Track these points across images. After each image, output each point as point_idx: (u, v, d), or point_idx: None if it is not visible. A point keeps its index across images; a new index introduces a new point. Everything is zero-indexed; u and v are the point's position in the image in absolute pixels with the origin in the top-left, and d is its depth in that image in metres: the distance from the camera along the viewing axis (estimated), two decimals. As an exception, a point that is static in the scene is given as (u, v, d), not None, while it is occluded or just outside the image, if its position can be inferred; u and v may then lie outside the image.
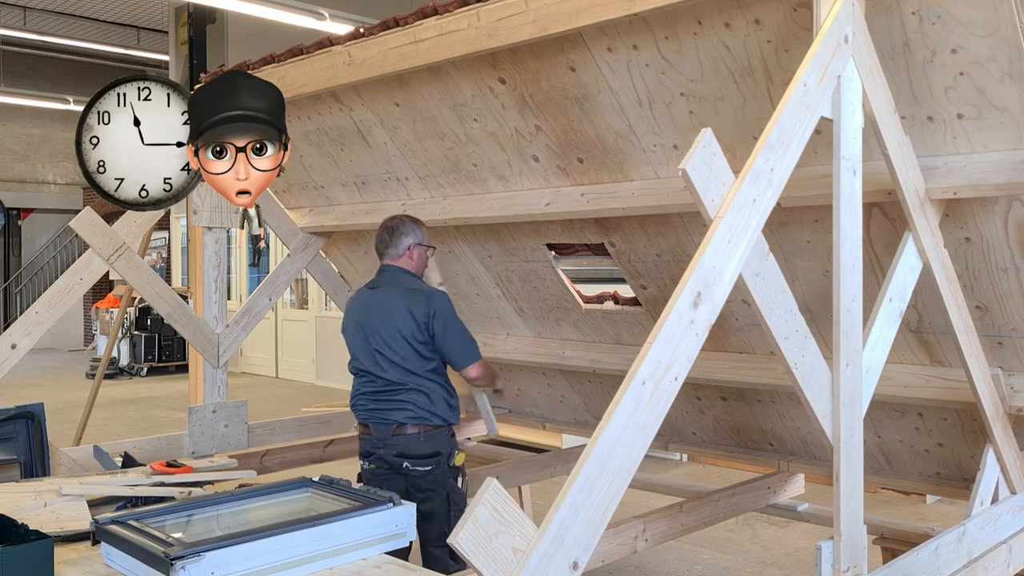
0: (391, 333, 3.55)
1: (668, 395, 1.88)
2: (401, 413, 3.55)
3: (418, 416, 3.54)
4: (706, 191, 1.98)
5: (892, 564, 2.62)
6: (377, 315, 3.60)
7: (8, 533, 2.17)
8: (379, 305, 3.61)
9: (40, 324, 3.71)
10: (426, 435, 3.54)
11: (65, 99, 15.39)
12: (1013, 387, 3.08)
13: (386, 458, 3.57)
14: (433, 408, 3.55)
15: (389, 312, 3.57)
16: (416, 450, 3.54)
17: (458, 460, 3.62)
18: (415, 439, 3.53)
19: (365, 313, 3.65)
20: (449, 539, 1.56)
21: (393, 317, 3.55)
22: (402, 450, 3.54)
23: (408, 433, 3.54)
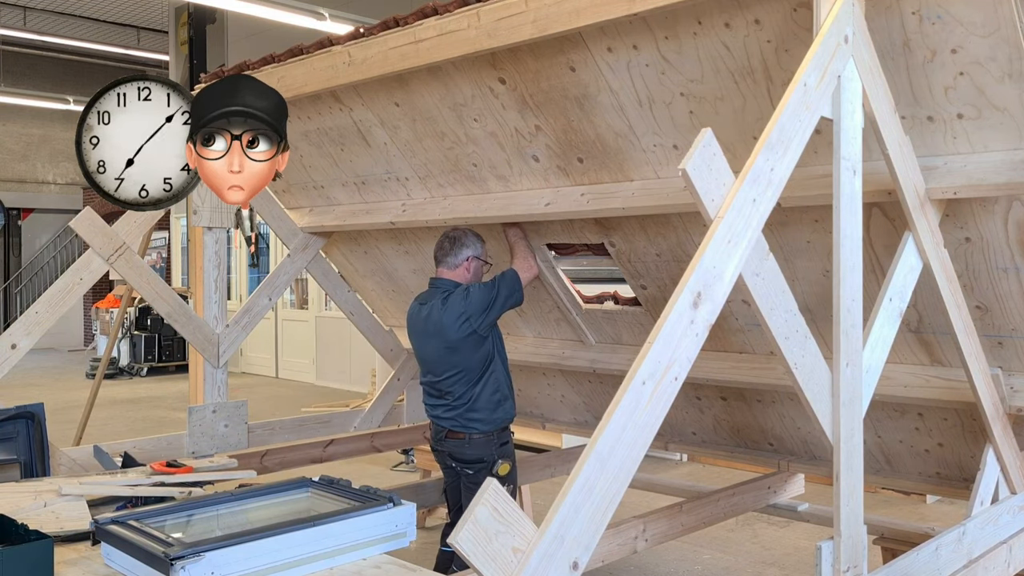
0: (438, 346, 3.74)
1: (668, 395, 1.88)
2: (448, 421, 3.80)
3: (462, 426, 3.76)
4: (706, 191, 1.98)
5: (892, 564, 2.62)
6: (427, 329, 3.77)
7: (8, 533, 2.17)
8: (427, 318, 3.77)
9: (40, 324, 3.71)
10: (472, 441, 3.76)
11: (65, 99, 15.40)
12: (1013, 387, 3.08)
13: (440, 458, 3.89)
14: (472, 422, 3.75)
15: (438, 327, 3.71)
16: (463, 454, 3.78)
17: (501, 470, 3.76)
18: (462, 444, 3.78)
19: (418, 326, 3.84)
20: (449, 539, 1.56)
21: (441, 330, 3.70)
22: (452, 452, 3.82)
23: (458, 438, 3.79)
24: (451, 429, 3.78)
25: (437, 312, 3.71)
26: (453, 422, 3.77)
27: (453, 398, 3.76)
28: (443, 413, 3.81)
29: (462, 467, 3.80)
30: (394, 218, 4.18)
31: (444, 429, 3.81)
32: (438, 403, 3.84)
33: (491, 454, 3.76)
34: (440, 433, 3.84)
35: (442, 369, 3.76)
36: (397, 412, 5.24)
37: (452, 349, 3.70)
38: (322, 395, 11.67)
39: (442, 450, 3.86)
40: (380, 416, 5.15)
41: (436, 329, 3.71)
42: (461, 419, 3.75)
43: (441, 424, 3.83)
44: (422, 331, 3.81)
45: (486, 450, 3.75)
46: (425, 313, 3.78)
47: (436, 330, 3.71)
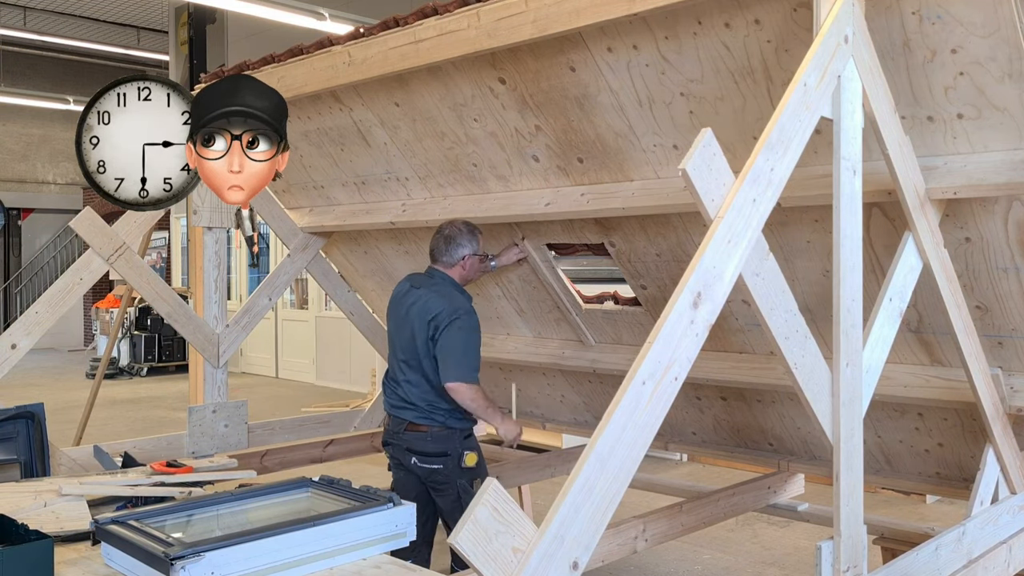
0: (414, 333, 3.62)
1: (668, 395, 1.88)
2: (411, 412, 3.64)
3: (427, 416, 3.61)
4: (706, 191, 1.98)
5: (892, 564, 2.62)
6: (409, 313, 3.67)
7: (8, 533, 2.17)
8: (413, 304, 3.67)
9: (40, 324, 3.71)
10: (434, 436, 3.60)
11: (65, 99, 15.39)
12: (1013, 387, 3.08)
13: (401, 450, 3.68)
14: (438, 412, 3.61)
15: (419, 313, 3.63)
16: (424, 448, 3.61)
17: (468, 460, 3.63)
18: (423, 438, 3.61)
19: (401, 309, 3.73)
20: (449, 539, 1.56)
21: (420, 318, 3.62)
22: (411, 446, 3.63)
23: (419, 430, 3.62)
24: (412, 421, 3.62)
25: (424, 299, 3.63)
26: (415, 412, 3.61)
27: (420, 388, 3.61)
28: (404, 403, 3.65)
29: (424, 462, 3.60)
30: (394, 218, 4.18)
31: (404, 421, 3.64)
32: (400, 391, 3.67)
33: (455, 447, 3.60)
34: (399, 426, 3.66)
35: (414, 353, 3.63)
36: (397, 412, 5.23)
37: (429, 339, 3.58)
38: (322, 395, 11.67)
39: (398, 443, 3.66)
40: (380, 416, 5.14)
41: (419, 313, 3.61)
42: (426, 410, 3.59)
43: (401, 415, 3.66)
44: (404, 312, 3.70)
45: (450, 443, 3.60)
46: (413, 298, 3.68)
47: (419, 314, 3.61)
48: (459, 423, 3.63)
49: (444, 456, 3.59)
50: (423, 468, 3.62)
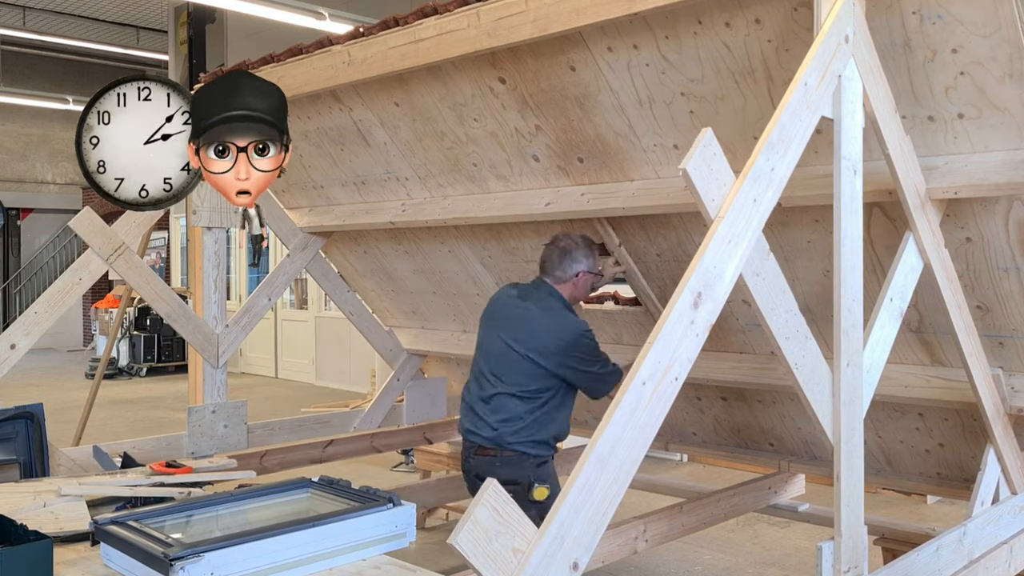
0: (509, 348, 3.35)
1: (668, 395, 1.87)
2: (481, 435, 3.36)
3: (497, 440, 3.33)
4: (706, 191, 1.98)
5: (893, 565, 2.62)
6: (507, 326, 3.40)
7: (7, 533, 2.17)
8: (516, 319, 3.39)
9: (39, 324, 3.71)
10: (503, 461, 3.31)
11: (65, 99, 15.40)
12: (1014, 387, 3.08)
13: (468, 480, 3.46)
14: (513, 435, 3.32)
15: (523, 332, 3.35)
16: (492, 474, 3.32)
17: (538, 494, 3.28)
18: (492, 463, 3.31)
19: (498, 319, 3.47)
20: (449, 539, 1.55)
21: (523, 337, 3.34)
22: (479, 471, 3.32)
23: (488, 454, 3.34)
24: (481, 445, 3.34)
25: (533, 317, 3.35)
26: (488, 434, 3.32)
27: (500, 405, 3.33)
28: (476, 423, 3.38)
29: None
30: (394, 218, 4.18)
31: (475, 445, 3.37)
32: (477, 408, 3.39)
33: (526, 475, 3.28)
34: (470, 449, 3.40)
35: (503, 368, 3.35)
36: (397, 412, 5.23)
37: (523, 359, 3.32)
38: (322, 395, 11.66)
39: (468, 470, 3.43)
40: (380, 416, 5.15)
41: (522, 333, 3.33)
42: (500, 432, 3.31)
43: (471, 438, 3.39)
44: (501, 323, 3.42)
45: (521, 470, 3.28)
46: (520, 312, 3.40)
47: (521, 334, 3.33)
48: (534, 449, 3.32)
49: (514, 484, 3.19)
50: None
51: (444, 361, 5.41)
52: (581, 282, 3.46)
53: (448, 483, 4.84)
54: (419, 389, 5.26)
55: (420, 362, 5.34)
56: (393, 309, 5.22)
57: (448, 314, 4.90)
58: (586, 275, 3.46)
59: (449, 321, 4.95)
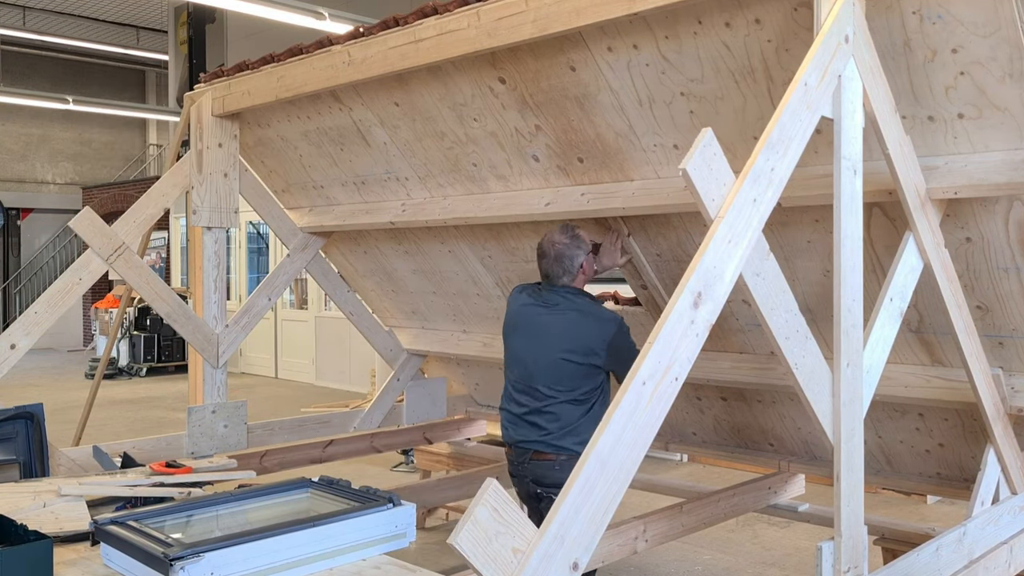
0: (558, 358, 3.34)
1: (668, 395, 1.87)
2: (538, 441, 3.37)
3: (555, 444, 3.34)
4: (706, 191, 1.98)
5: (893, 565, 2.62)
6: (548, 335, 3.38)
7: (7, 533, 2.17)
8: (553, 326, 3.39)
9: (39, 324, 3.71)
10: (562, 464, 3.32)
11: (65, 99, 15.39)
12: (1014, 387, 3.08)
13: (524, 480, 3.44)
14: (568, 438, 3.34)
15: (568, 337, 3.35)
16: (552, 479, 3.35)
17: None
18: (551, 466, 3.35)
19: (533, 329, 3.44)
20: (449, 539, 1.55)
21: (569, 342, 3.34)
22: (536, 476, 3.38)
23: (546, 459, 3.36)
24: (537, 450, 3.35)
25: (575, 321, 3.35)
26: (544, 440, 3.33)
27: (554, 414, 3.35)
28: (531, 431, 3.38)
29: (552, 494, 3.31)
30: (394, 218, 4.18)
31: (528, 451, 3.37)
32: (527, 417, 3.40)
33: None
34: (523, 456, 3.39)
35: (554, 377, 3.35)
36: (397, 412, 5.23)
37: (579, 366, 3.33)
38: (322, 395, 11.66)
39: (523, 475, 3.41)
40: (380, 416, 5.15)
41: (572, 342, 3.33)
42: (554, 439, 3.33)
43: (524, 446, 3.39)
44: (535, 333, 3.42)
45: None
46: (545, 318, 3.40)
47: (573, 343, 3.32)
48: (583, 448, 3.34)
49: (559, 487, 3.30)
50: (547, 497, 3.36)
51: (444, 361, 5.41)
52: (587, 267, 3.47)
53: (448, 483, 4.84)
54: (419, 389, 5.26)
55: (420, 362, 5.34)
56: (393, 309, 5.22)
57: (448, 314, 4.90)
58: (587, 258, 3.45)
59: (449, 321, 4.95)
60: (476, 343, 4.83)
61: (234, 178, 4.38)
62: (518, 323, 3.50)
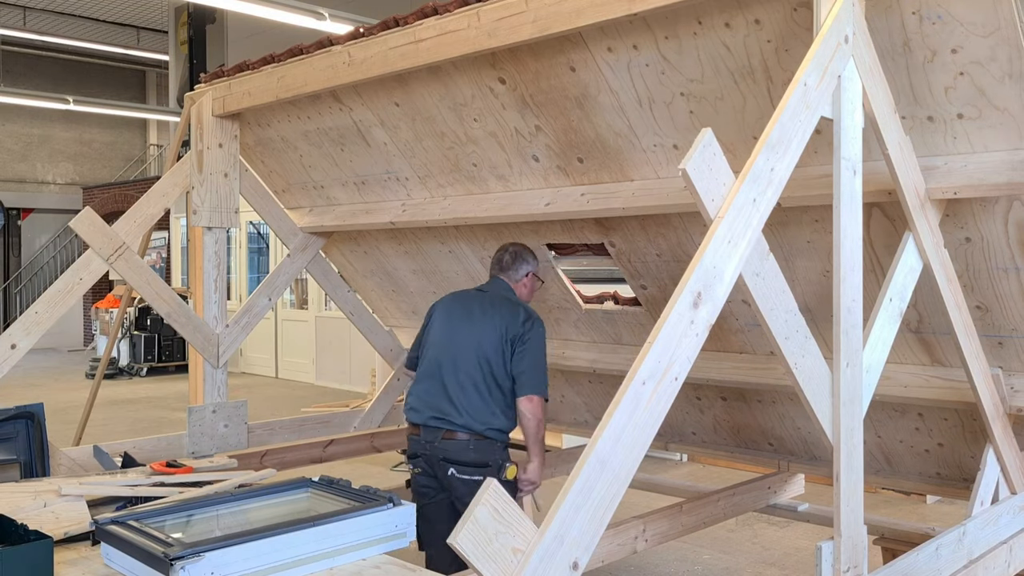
0: (480, 340, 3.50)
1: (668, 395, 1.88)
2: (450, 421, 3.46)
3: (466, 426, 3.44)
4: (706, 191, 1.98)
5: (892, 564, 2.62)
6: (471, 317, 3.56)
7: (8, 533, 2.17)
8: (478, 310, 3.57)
9: (40, 324, 3.71)
10: (476, 445, 3.44)
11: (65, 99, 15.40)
12: (1013, 387, 3.08)
13: (431, 462, 3.50)
14: (489, 420, 3.46)
15: (490, 319, 3.53)
16: (465, 458, 3.44)
17: (509, 473, 3.46)
18: (463, 446, 3.44)
19: (457, 312, 3.62)
20: (449, 539, 1.55)
21: (490, 324, 3.52)
22: (448, 455, 3.45)
23: (458, 439, 3.45)
24: (449, 429, 3.43)
25: (496, 304, 3.55)
26: (457, 420, 3.42)
27: (472, 395, 3.45)
28: (444, 410, 3.46)
29: (463, 472, 3.41)
30: (394, 218, 4.18)
31: (439, 430, 3.45)
32: (447, 396, 3.48)
33: (496, 457, 3.44)
34: (434, 435, 3.46)
35: (472, 359, 3.48)
36: (397, 412, 5.24)
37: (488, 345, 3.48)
38: (322, 395, 11.67)
39: (432, 453, 3.46)
40: (380, 416, 5.15)
41: (490, 319, 3.51)
42: (470, 418, 3.42)
43: (437, 424, 3.46)
44: (464, 315, 3.56)
45: (491, 453, 3.44)
46: (478, 302, 3.60)
47: (490, 319, 3.50)
48: (498, 435, 3.48)
49: (485, 467, 3.41)
50: (460, 480, 3.43)
51: (444, 361, 5.41)
52: (530, 282, 3.80)
53: (448, 483, 4.83)
54: (419, 389, 5.26)
55: (420, 362, 5.34)
56: (393, 309, 5.22)
57: (448, 314, 4.90)
58: (532, 276, 3.81)
59: (449, 321, 4.95)
60: (476, 343, 4.83)
61: (234, 178, 4.38)
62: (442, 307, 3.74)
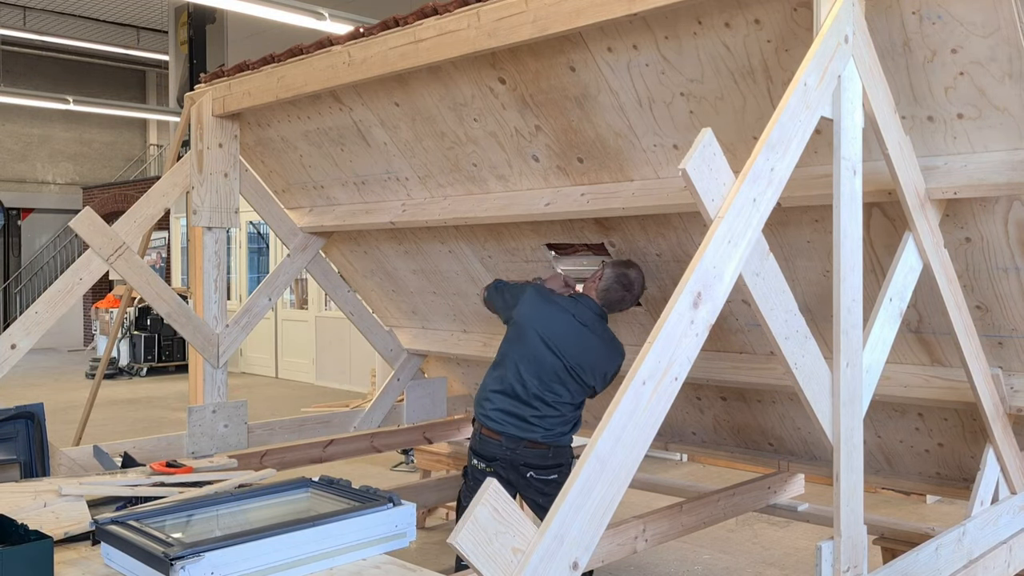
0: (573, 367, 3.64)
1: (668, 395, 1.88)
2: (535, 432, 3.63)
3: (549, 437, 3.65)
4: (706, 191, 1.98)
5: (892, 564, 2.62)
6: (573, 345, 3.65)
7: (8, 533, 2.17)
8: (578, 339, 3.66)
9: (40, 324, 3.71)
10: (554, 452, 3.66)
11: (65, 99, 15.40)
12: (1013, 387, 3.08)
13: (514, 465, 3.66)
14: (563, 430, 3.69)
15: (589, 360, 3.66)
16: (542, 462, 3.64)
17: None
18: (544, 454, 3.64)
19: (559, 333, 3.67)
20: (449, 539, 1.56)
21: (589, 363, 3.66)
22: (529, 461, 3.64)
23: (539, 448, 3.65)
24: (533, 439, 3.61)
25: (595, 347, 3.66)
26: (540, 433, 3.61)
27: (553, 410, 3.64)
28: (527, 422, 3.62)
29: (541, 474, 3.65)
30: (394, 218, 4.18)
31: (522, 440, 3.61)
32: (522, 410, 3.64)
33: (567, 459, 3.69)
34: (515, 443, 3.62)
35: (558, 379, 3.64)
36: (397, 412, 5.24)
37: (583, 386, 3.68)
38: (322, 395, 11.67)
39: (513, 459, 3.62)
40: (380, 416, 5.15)
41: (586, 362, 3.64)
42: (549, 431, 3.63)
43: (518, 434, 3.61)
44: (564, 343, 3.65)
45: (563, 456, 3.68)
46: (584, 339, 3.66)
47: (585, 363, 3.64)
48: (568, 440, 3.74)
49: (560, 467, 3.66)
50: (539, 479, 3.66)
51: (444, 361, 5.42)
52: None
53: (448, 483, 4.84)
54: (419, 389, 5.27)
55: (420, 362, 5.34)
56: (393, 309, 5.22)
57: (448, 314, 4.90)
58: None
59: (449, 321, 4.95)
60: (476, 343, 4.84)
61: (234, 178, 4.38)
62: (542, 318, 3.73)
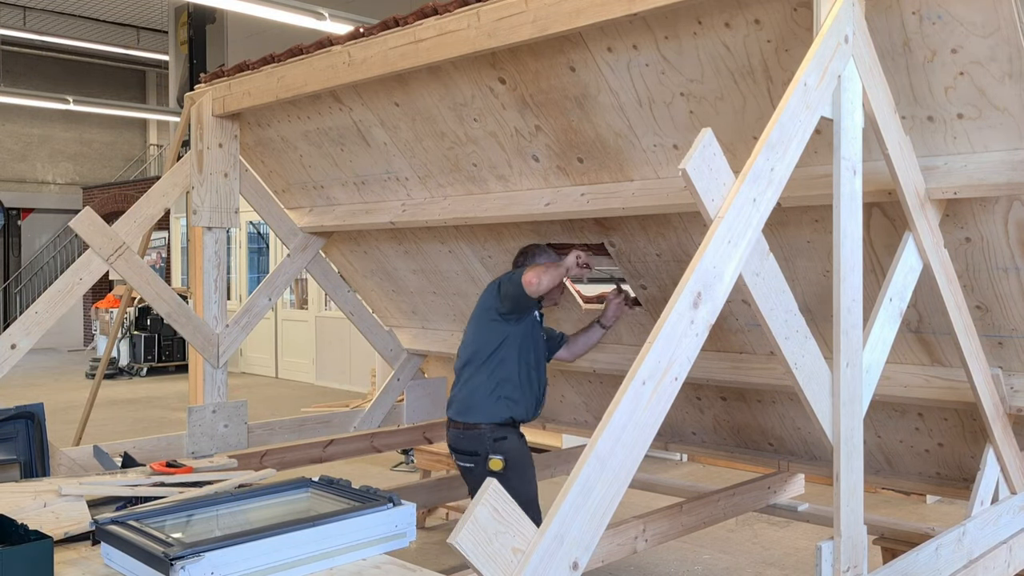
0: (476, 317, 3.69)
1: (668, 395, 1.88)
2: (453, 407, 3.65)
3: (463, 412, 3.61)
4: (706, 191, 1.98)
5: (892, 564, 2.62)
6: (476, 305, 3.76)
7: (8, 533, 2.17)
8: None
9: (40, 324, 3.71)
10: (467, 434, 3.58)
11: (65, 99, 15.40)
12: (1013, 387, 3.08)
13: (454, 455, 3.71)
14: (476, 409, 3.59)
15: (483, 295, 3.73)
16: (458, 445, 3.63)
17: (492, 465, 3.53)
18: (458, 435, 3.62)
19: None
20: (449, 539, 1.56)
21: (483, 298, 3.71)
22: (450, 442, 3.68)
23: (455, 427, 3.63)
24: (451, 417, 3.66)
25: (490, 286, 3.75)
26: (457, 407, 3.63)
27: (469, 379, 3.64)
28: (453, 400, 3.69)
29: (460, 460, 3.63)
30: (394, 218, 4.18)
31: (449, 420, 3.69)
32: (455, 389, 3.71)
33: (484, 447, 3.56)
34: (447, 425, 3.71)
35: (466, 343, 3.70)
36: (397, 412, 5.24)
37: (475, 319, 3.70)
38: (322, 395, 11.66)
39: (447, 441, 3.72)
40: (380, 416, 5.15)
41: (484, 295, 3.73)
42: (466, 404, 3.61)
43: (447, 413, 3.72)
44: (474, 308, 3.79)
45: (479, 442, 3.57)
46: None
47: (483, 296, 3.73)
48: (489, 421, 3.56)
49: (474, 455, 3.57)
50: (459, 467, 3.62)
51: (444, 361, 5.42)
52: None
53: (448, 483, 4.84)
54: (419, 389, 5.27)
55: (420, 362, 5.34)
56: (393, 309, 5.22)
57: (448, 314, 4.90)
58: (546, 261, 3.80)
59: (449, 321, 4.95)
60: (476, 343, 4.83)
61: (234, 178, 4.38)
62: None
